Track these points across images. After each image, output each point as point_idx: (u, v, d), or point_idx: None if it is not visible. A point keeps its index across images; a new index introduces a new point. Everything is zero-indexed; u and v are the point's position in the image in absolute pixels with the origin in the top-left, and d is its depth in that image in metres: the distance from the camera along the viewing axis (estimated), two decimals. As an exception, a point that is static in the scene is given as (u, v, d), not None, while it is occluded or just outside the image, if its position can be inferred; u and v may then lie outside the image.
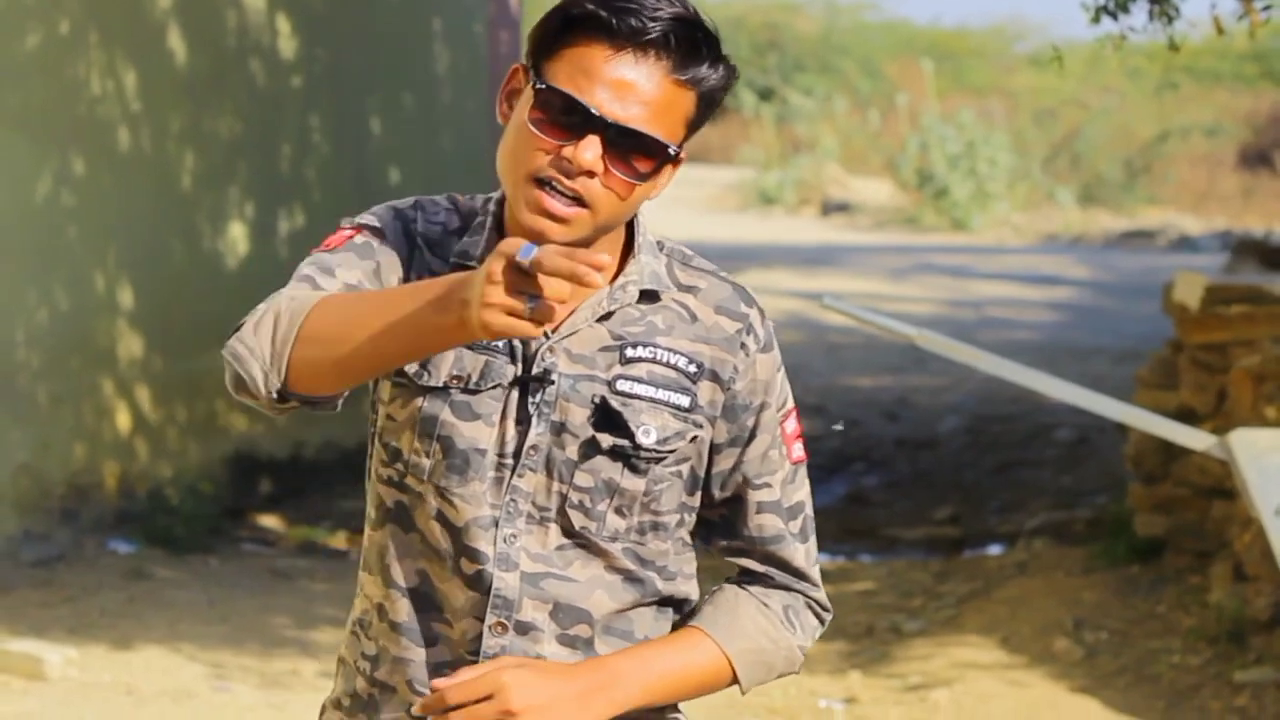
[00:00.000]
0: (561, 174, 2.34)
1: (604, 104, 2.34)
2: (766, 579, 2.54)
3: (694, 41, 2.36)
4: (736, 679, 2.51)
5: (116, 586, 7.68)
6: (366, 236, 2.47)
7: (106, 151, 8.52)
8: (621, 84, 2.34)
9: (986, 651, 7.01)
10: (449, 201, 2.51)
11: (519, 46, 11.21)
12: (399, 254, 2.45)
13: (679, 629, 2.52)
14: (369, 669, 2.51)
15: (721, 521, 2.55)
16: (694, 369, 2.46)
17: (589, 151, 2.33)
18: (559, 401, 2.42)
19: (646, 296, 2.47)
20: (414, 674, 2.47)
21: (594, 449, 2.43)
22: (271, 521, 9.09)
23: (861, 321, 6.08)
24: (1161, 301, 7.99)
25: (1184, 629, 6.98)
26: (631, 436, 2.43)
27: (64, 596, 7.52)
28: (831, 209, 25.43)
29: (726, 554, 2.56)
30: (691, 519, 2.53)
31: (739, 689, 2.53)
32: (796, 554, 2.54)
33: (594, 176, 2.35)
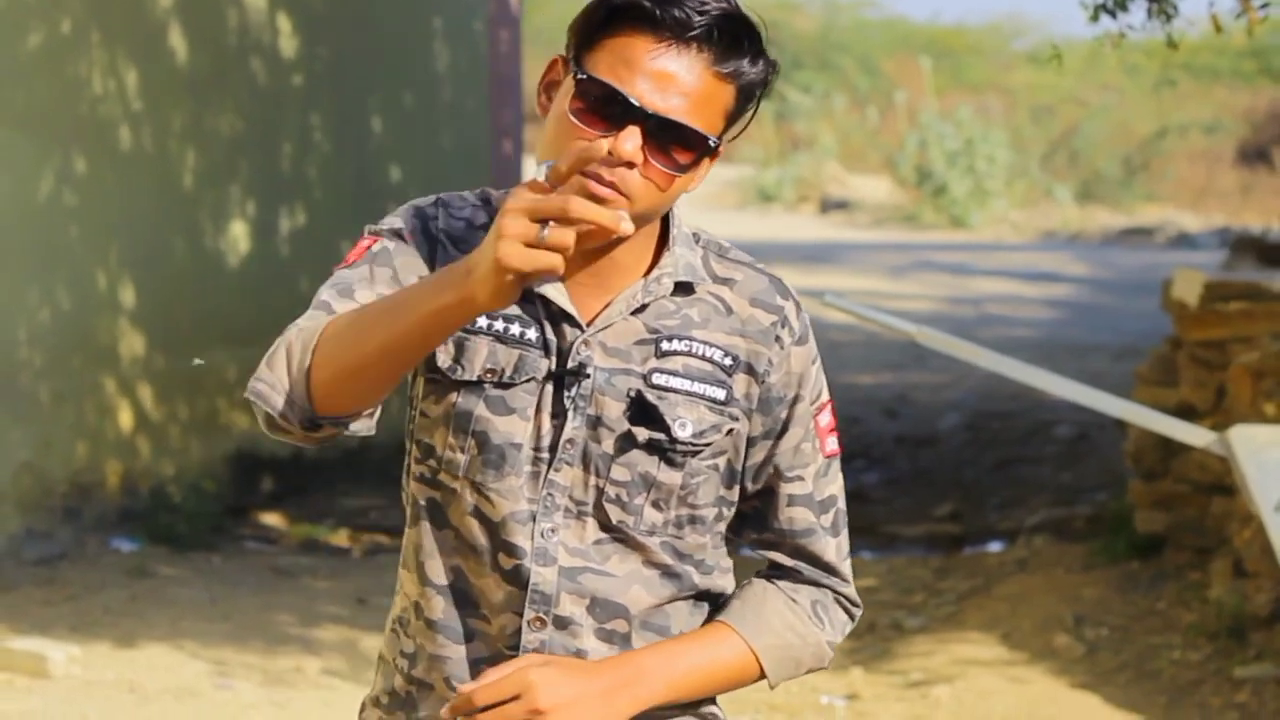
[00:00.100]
0: (602, 165, 2.31)
1: (645, 95, 2.32)
2: (795, 573, 2.53)
3: (736, 35, 2.34)
4: (764, 674, 2.50)
5: (119, 584, 7.68)
6: (384, 242, 2.45)
7: (108, 150, 8.53)
8: (663, 75, 2.32)
9: (987, 648, 7.02)
10: (478, 196, 2.50)
11: (519, 45, 11.20)
12: (420, 254, 2.43)
13: (707, 624, 2.50)
14: (407, 667, 2.51)
15: (753, 514, 2.53)
16: (729, 362, 2.44)
17: (629, 142, 2.31)
18: (594, 395, 2.41)
19: (681, 289, 2.45)
20: (451, 671, 2.47)
21: (630, 442, 2.41)
22: (273, 519, 9.10)
23: (862, 319, 6.08)
24: (1161, 298, 8.00)
25: (1184, 625, 6.99)
26: (667, 430, 2.41)
27: (67, 595, 7.52)
28: (830, 206, 25.43)
29: (757, 547, 2.55)
30: (730, 513, 2.51)
31: (767, 684, 2.51)
32: (827, 548, 2.52)
33: (633, 167, 2.32)
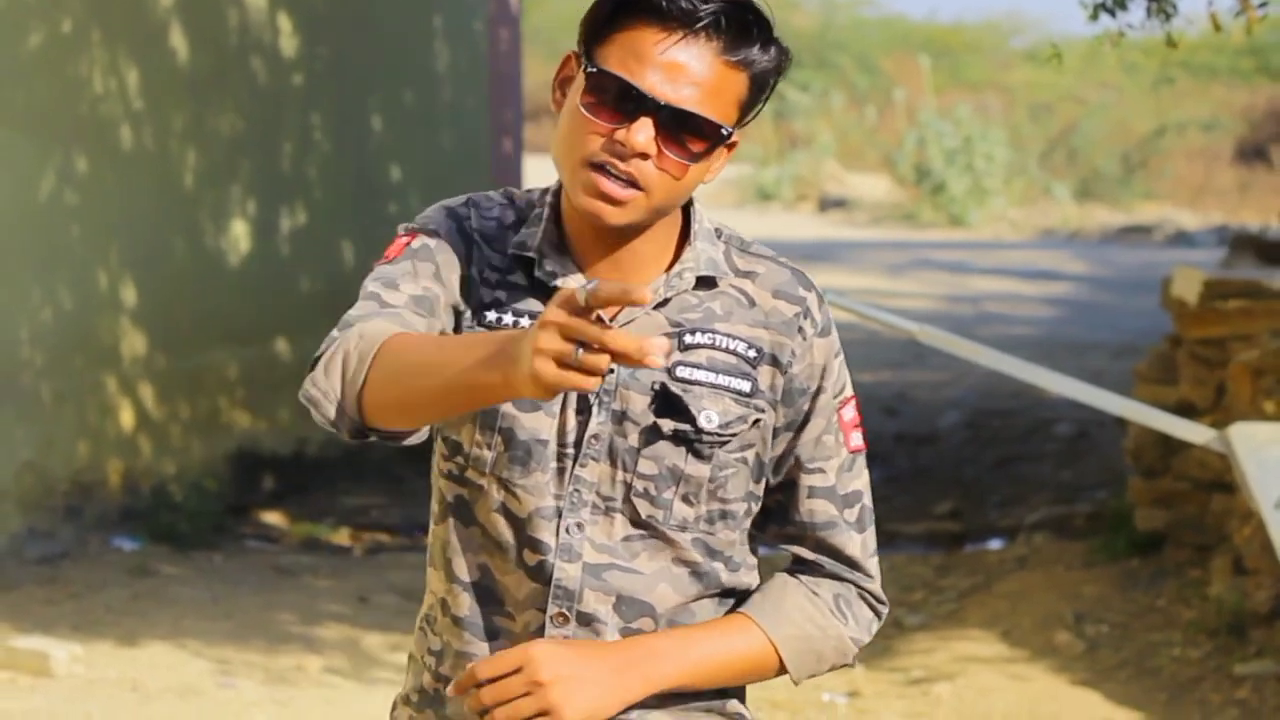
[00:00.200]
0: (615, 157, 2.33)
1: (655, 86, 2.33)
2: (817, 567, 2.51)
3: (745, 23, 2.35)
4: (784, 668, 2.48)
5: (121, 583, 7.69)
6: (423, 240, 2.46)
7: (109, 150, 8.53)
8: (673, 66, 2.33)
9: (988, 645, 7.03)
10: (504, 196, 2.51)
11: (519, 44, 11.21)
12: (457, 253, 2.45)
13: (726, 615, 2.49)
14: (434, 664, 2.51)
15: (776, 507, 2.52)
16: (753, 354, 2.44)
17: (641, 134, 2.32)
18: (619, 390, 2.41)
19: (703, 283, 2.45)
20: None
21: (655, 435, 2.41)
22: (275, 518, 9.10)
23: (863, 317, 6.09)
24: (1160, 296, 8.02)
25: (1184, 622, 7.00)
26: (693, 421, 2.41)
27: (69, 593, 7.53)
28: (829, 205, 25.43)
29: (780, 540, 2.54)
30: (756, 508, 2.51)
31: (790, 679, 2.50)
32: (850, 542, 2.51)
33: (647, 159, 2.34)
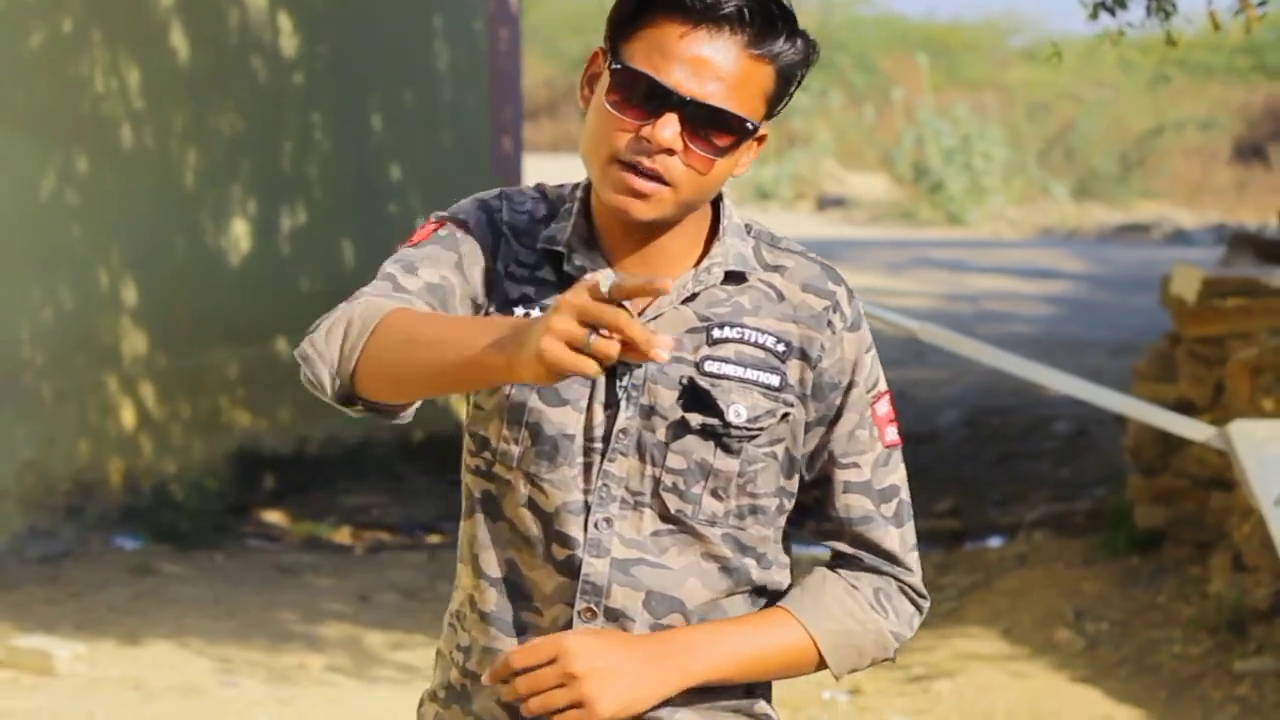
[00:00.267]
0: (642, 154, 2.34)
1: (681, 82, 2.33)
2: (856, 561, 2.50)
3: (769, 16, 2.35)
4: (824, 662, 2.47)
5: (123, 583, 7.70)
6: (451, 229, 2.47)
7: (109, 149, 8.55)
8: (698, 61, 2.33)
9: (988, 643, 7.04)
10: (536, 191, 2.52)
11: (519, 43, 11.22)
12: (484, 245, 2.45)
13: (764, 609, 2.48)
14: (462, 660, 2.51)
15: (813, 504, 2.51)
16: (782, 348, 2.44)
17: (667, 129, 2.33)
18: (647, 384, 2.41)
19: (732, 278, 2.45)
20: None
21: (684, 429, 2.40)
22: (276, 517, 9.11)
23: (865, 315, 6.09)
24: (1159, 294, 8.03)
25: (1184, 619, 7.01)
26: (721, 415, 2.40)
27: (70, 593, 7.54)
28: (827, 204, 25.44)
29: (818, 537, 2.53)
30: (790, 505, 2.49)
31: (831, 674, 2.49)
32: (888, 536, 2.49)
33: (673, 154, 2.34)
